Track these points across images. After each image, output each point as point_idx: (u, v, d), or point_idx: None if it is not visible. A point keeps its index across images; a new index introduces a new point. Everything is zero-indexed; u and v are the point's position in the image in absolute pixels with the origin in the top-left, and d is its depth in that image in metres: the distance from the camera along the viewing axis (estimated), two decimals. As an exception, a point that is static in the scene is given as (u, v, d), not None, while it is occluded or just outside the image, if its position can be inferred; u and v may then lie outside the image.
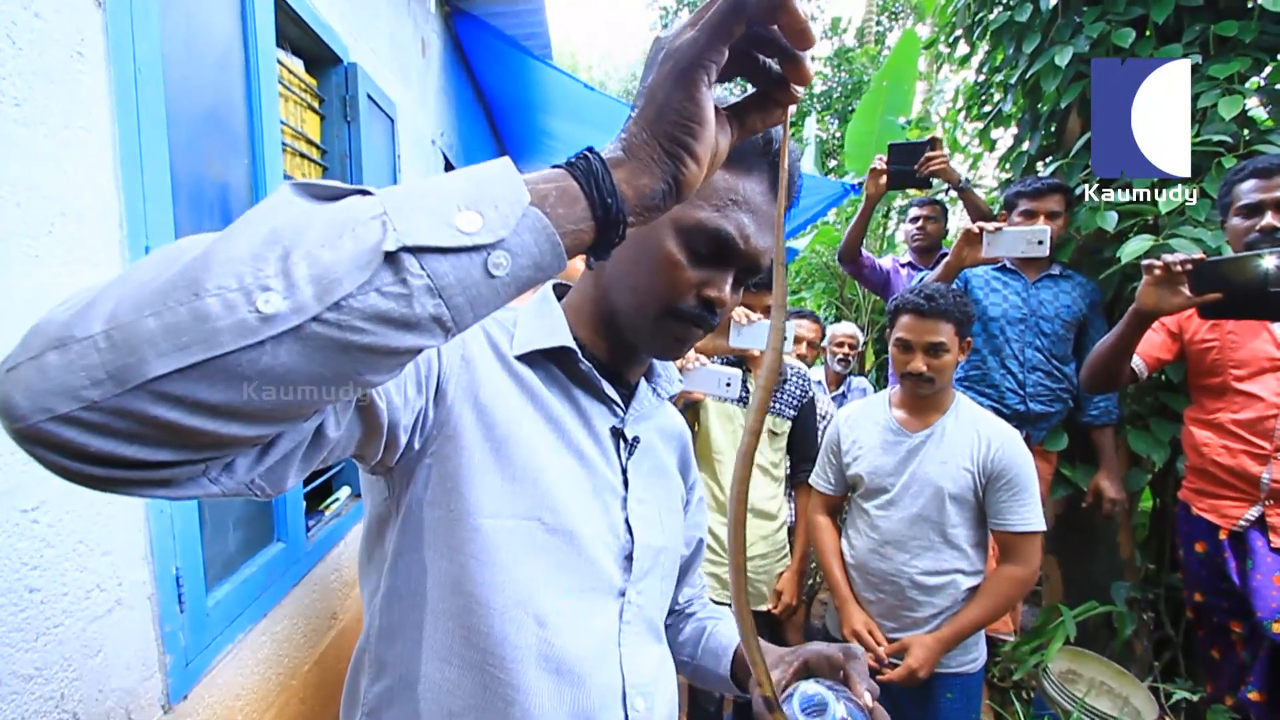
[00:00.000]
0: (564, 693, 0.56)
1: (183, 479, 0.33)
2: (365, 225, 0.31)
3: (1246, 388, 1.51)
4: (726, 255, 0.57)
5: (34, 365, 0.29)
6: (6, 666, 0.79)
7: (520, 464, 0.57)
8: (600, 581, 0.61)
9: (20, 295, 0.81)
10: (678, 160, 0.38)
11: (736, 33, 0.37)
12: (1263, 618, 1.45)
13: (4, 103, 0.80)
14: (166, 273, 0.30)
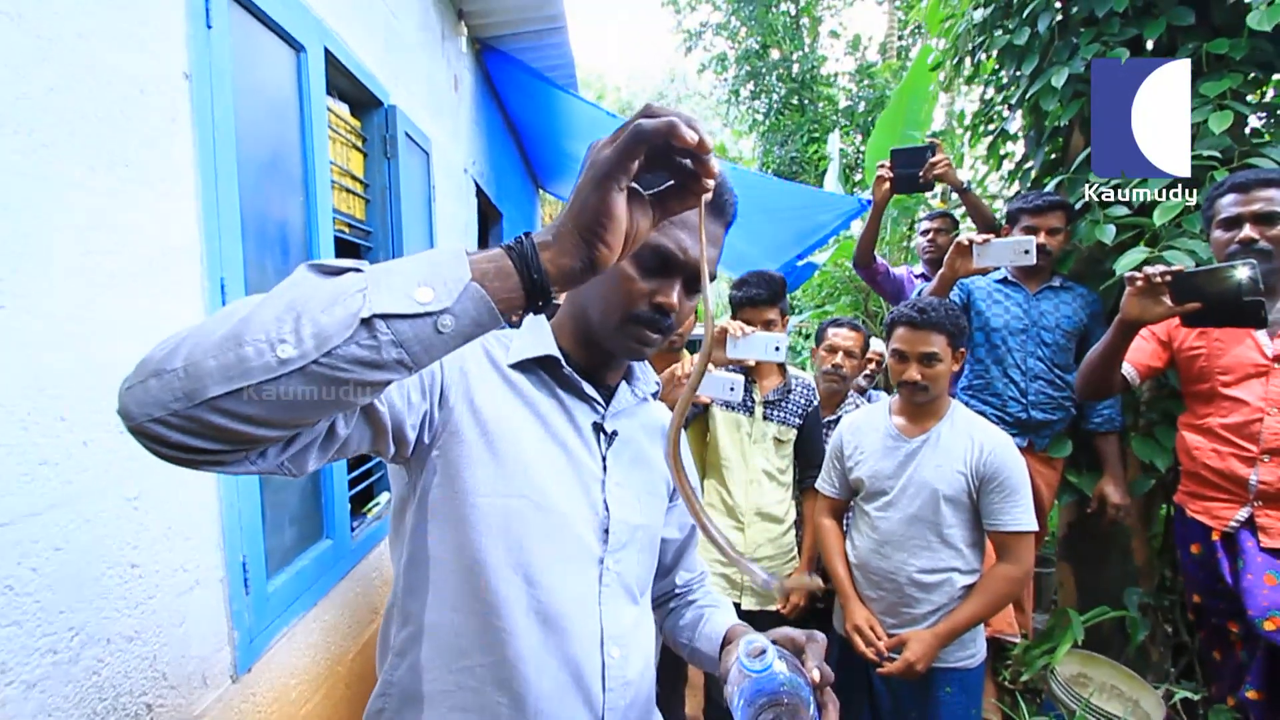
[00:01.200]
0: (550, 639, 0.69)
1: (230, 461, 0.49)
2: (351, 298, 0.45)
3: (1233, 393, 1.56)
4: (670, 267, 0.70)
5: (141, 386, 0.45)
6: (114, 628, 0.96)
7: (510, 453, 0.70)
8: (581, 550, 0.73)
9: (126, 318, 0.99)
10: (592, 247, 0.50)
11: (640, 153, 0.48)
12: (1254, 616, 1.49)
13: (116, 164, 0.98)
14: (222, 329, 0.45)
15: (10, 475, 0.80)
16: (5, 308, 0.79)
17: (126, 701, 0.97)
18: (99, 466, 0.93)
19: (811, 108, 8.38)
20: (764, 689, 0.62)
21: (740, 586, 1.96)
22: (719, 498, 1.98)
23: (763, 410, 1.94)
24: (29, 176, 0.83)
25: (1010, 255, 1.76)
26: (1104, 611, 2.06)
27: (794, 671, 0.64)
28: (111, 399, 0.77)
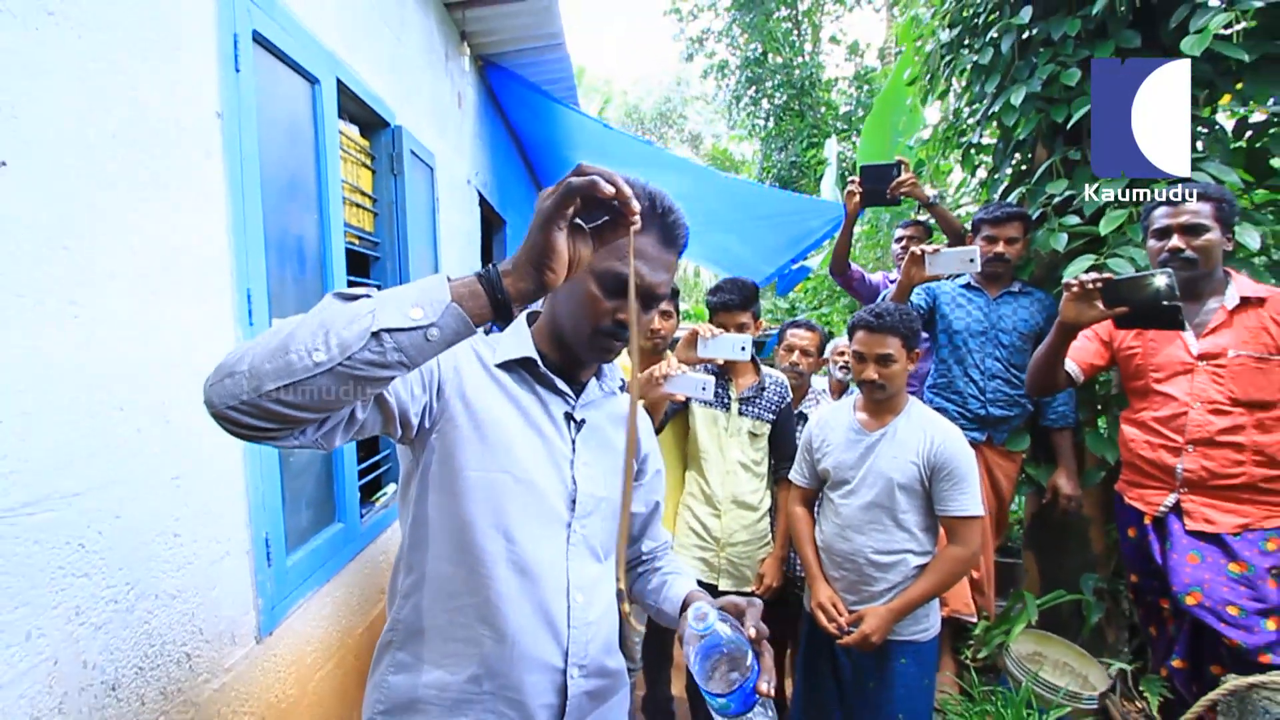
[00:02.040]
0: (525, 585, 0.86)
1: (280, 436, 0.65)
2: (364, 317, 0.62)
3: (1163, 389, 1.70)
4: (627, 288, 0.85)
5: (220, 384, 0.62)
6: (161, 585, 1.13)
7: (495, 437, 0.86)
8: (553, 516, 0.89)
9: (169, 324, 1.17)
10: (541, 273, 0.66)
11: (572, 203, 0.65)
12: (1177, 592, 1.63)
13: (161, 193, 1.16)
14: (274, 343, 0.62)
15: (80, 455, 0.97)
16: (78, 317, 0.97)
17: (171, 649, 1.15)
18: (148, 450, 1.11)
19: (811, 113, 8.53)
20: (711, 646, 0.76)
21: (717, 570, 2.11)
22: (698, 487, 2.14)
23: (738, 406, 2.10)
24: (95, 207, 1.01)
25: (958, 264, 1.91)
26: (1061, 595, 2.20)
27: (735, 631, 0.77)
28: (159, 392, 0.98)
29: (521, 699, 0.85)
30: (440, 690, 0.84)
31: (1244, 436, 1.58)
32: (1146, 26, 2.11)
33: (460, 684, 0.84)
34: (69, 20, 0.97)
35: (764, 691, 0.73)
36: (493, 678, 0.84)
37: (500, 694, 0.84)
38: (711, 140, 20.65)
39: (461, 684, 0.84)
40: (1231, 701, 1.17)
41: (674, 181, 4.59)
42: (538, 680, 0.86)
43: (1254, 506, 1.58)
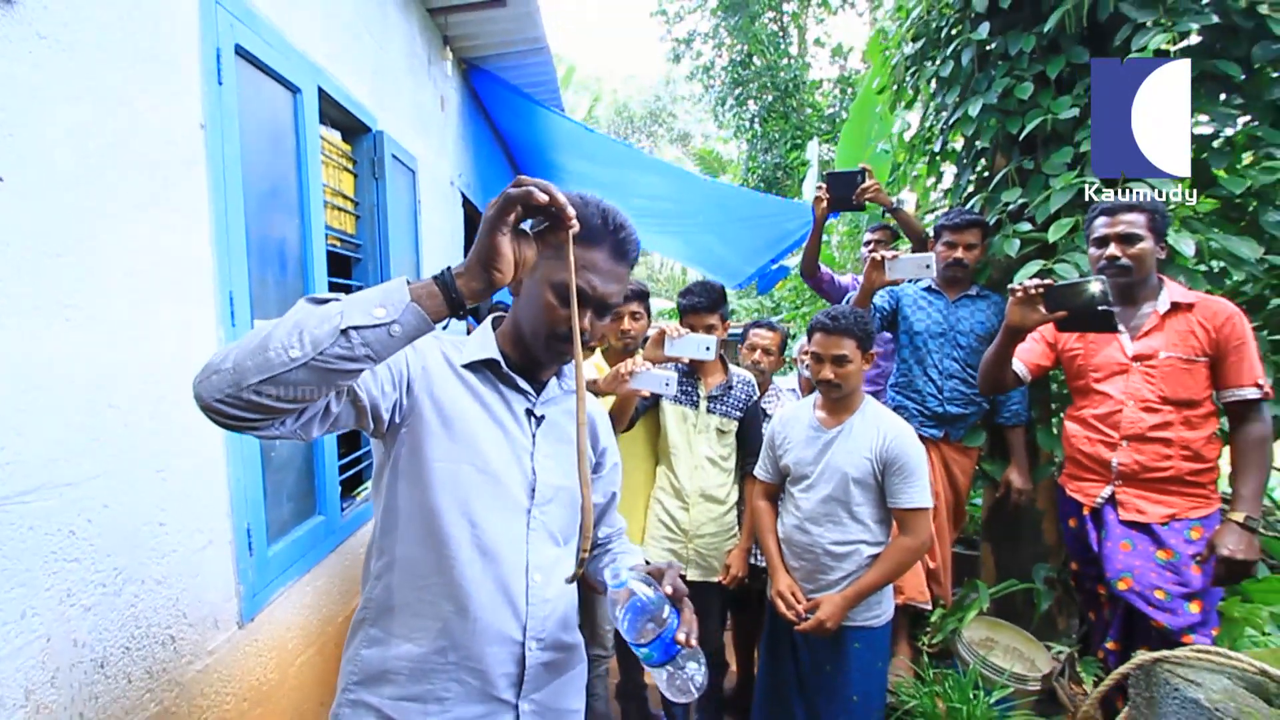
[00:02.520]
0: (487, 566, 0.94)
1: (262, 427, 0.73)
2: (333, 317, 0.69)
3: (1102, 387, 1.80)
4: (582, 299, 0.91)
5: (206, 380, 0.69)
6: (147, 571, 1.20)
7: (460, 431, 0.94)
8: (513, 503, 0.97)
9: (157, 324, 1.24)
10: (489, 274, 0.75)
11: (512, 210, 0.73)
12: (1110, 577, 1.73)
13: (149, 202, 1.23)
14: (254, 342, 0.70)
15: (72, 449, 1.04)
16: (71, 320, 1.04)
17: (156, 632, 1.22)
18: (135, 445, 1.18)
19: (795, 115, 8.64)
20: (633, 605, 0.85)
21: (686, 560, 2.20)
22: (668, 481, 2.23)
23: (707, 404, 2.19)
24: (86, 217, 1.08)
25: (915, 269, 2.01)
26: (1013, 584, 2.32)
27: (654, 590, 0.86)
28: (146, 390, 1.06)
29: (483, 669, 0.93)
30: (409, 661, 0.92)
31: (1173, 433, 1.69)
32: (1096, 43, 2.22)
33: (427, 655, 0.92)
34: (60, 43, 1.04)
35: (682, 641, 0.82)
36: (456, 649, 0.92)
37: (463, 664, 0.92)
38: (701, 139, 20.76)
39: (428, 655, 0.92)
40: (1139, 675, 1.28)
41: (655, 183, 4.68)
42: (498, 652, 0.94)
43: (1181, 498, 1.69)
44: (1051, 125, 2.22)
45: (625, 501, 2.21)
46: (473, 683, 0.93)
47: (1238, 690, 1.16)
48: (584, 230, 0.90)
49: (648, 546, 2.24)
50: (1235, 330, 1.64)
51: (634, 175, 4.68)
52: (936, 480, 2.33)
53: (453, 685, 0.92)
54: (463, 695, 0.93)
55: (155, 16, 1.27)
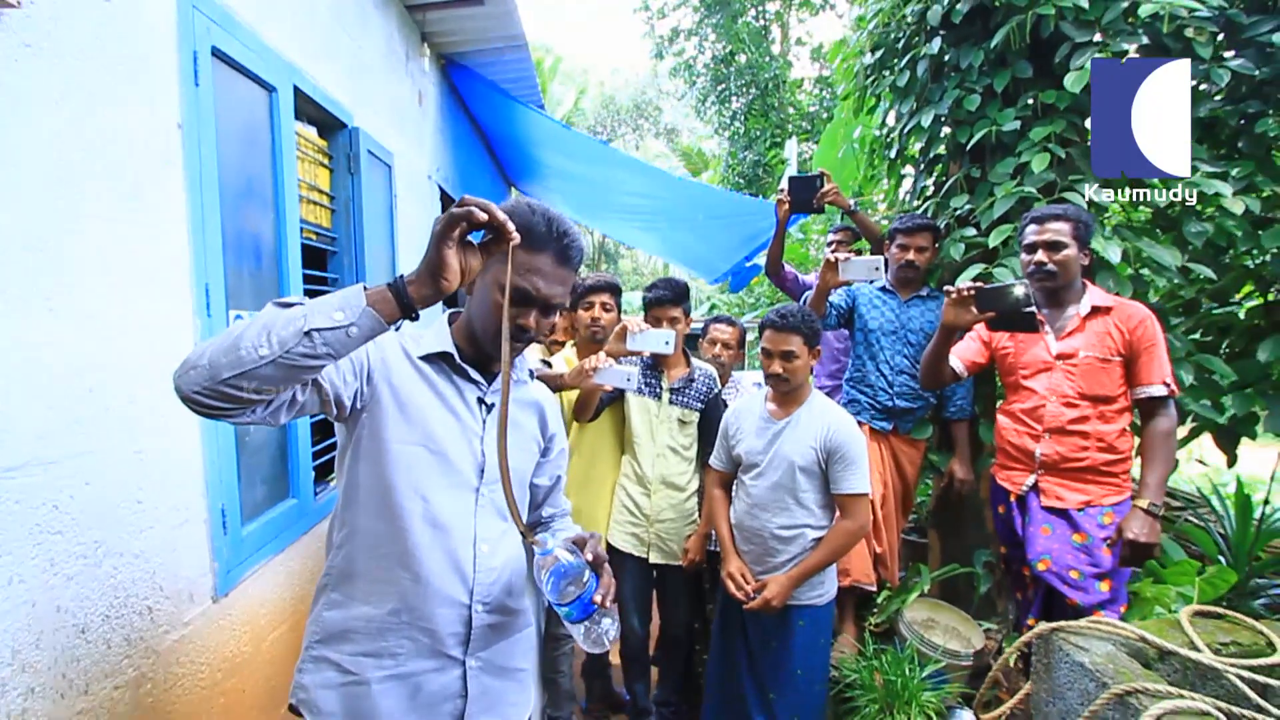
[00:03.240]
0: (438, 536, 1.04)
1: (236, 414, 0.82)
2: (298, 320, 0.78)
3: (1029, 384, 1.94)
4: (529, 300, 1.01)
5: (185, 375, 0.79)
6: (126, 546, 1.29)
7: (415, 416, 1.04)
8: (463, 481, 1.07)
9: (134, 316, 1.32)
10: (437, 282, 0.83)
11: (457, 225, 0.82)
12: (1031, 559, 1.88)
13: (126, 199, 1.30)
14: (228, 342, 0.78)
15: (54, 429, 1.12)
16: (53, 310, 1.12)
17: (134, 602, 1.31)
18: (115, 427, 1.26)
19: (776, 113, 8.76)
20: (556, 570, 0.95)
21: (647, 544, 2.32)
22: (631, 469, 2.34)
23: (669, 396, 2.30)
24: (69, 214, 1.16)
25: (866, 271, 2.13)
26: (954, 568, 2.46)
27: (575, 556, 0.97)
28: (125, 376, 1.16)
29: (433, 628, 1.03)
30: (366, 621, 1.02)
31: (1089, 426, 1.83)
32: (1040, 59, 2.35)
33: (383, 616, 1.02)
34: (44, 51, 1.11)
35: (598, 601, 0.93)
36: (409, 611, 1.02)
37: (415, 624, 1.03)
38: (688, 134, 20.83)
39: (384, 616, 1.02)
40: (1040, 644, 1.41)
41: (634, 181, 4.77)
42: (447, 613, 1.04)
43: (1096, 486, 1.83)
44: (996, 136, 2.35)
45: (592, 488, 2.35)
46: (424, 640, 1.03)
47: (1119, 655, 1.29)
48: (531, 237, 1.00)
49: (612, 531, 2.35)
50: (1147, 333, 1.78)
51: (613, 173, 4.77)
52: (885, 470, 2.46)
53: (405, 642, 1.03)
54: (414, 651, 1.03)
55: (134, 22, 1.34)
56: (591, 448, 2.38)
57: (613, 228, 7.16)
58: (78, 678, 1.16)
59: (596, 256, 23.46)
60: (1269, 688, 1.27)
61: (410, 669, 1.03)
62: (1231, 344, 2.58)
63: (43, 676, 1.08)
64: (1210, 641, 1.35)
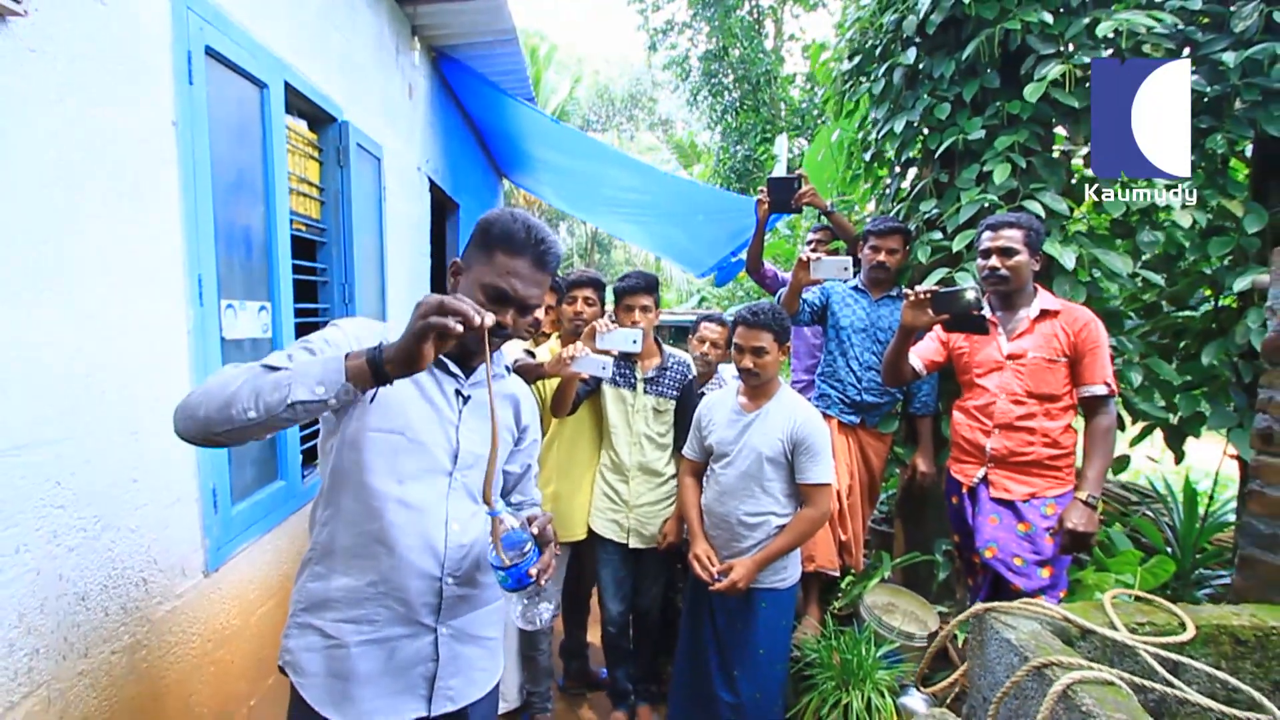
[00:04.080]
0: (412, 516, 1.13)
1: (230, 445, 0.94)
2: (283, 388, 0.88)
3: (981, 382, 2.05)
4: (506, 299, 1.10)
5: (183, 422, 0.91)
6: (122, 521, 1.37)
7: (396, 407, 1.12)
8: (437, 466, 1.16)
9: (130, 309, 1.39)
10: (412, 365, 0.89)
11: (430, 335, 0.87)
12: (979, 546, 2.00)
13: (123, 196, 1.38)
14: (219, 401, 0.87)
15: (55, 412, 1.20)
16: (53, 301, 1.20)
17: (130, 574, 1.40)
18: (110, 410, 1.34)
19: (767, 109, 8.82)
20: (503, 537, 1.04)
21: (627, 530, 2.42)
22: (609, 458, 2.44)
23: (643, 386, 2.40)
24: (67, 210, 1.23)
25: (835, 270, 2.23)
26: (915, 556, 2.59)
27: (523, 529, 1.07)
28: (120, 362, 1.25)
29: (407, 598, 1.13)
30: (347, 591, 1.12)
31: (1036, 423, 1.94)
32: (1008, 70, 2.45)
33: (361, 586, 1.11)
34: (46, 55, 1.18)
35: (533, 575, 1.05)
36: (385, 582, 1.12)
37: (390, 594, 1.12)
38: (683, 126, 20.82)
39: (362, 587, 1.11)
40: (975, 623, 1.53)
41: (622, 176, 4.84)
42: (420, 585, 1.14)
43: (1040, 479, 1.95)
44: (964, 143, 2.45)
45: (573, 477, 2.45)
46: (398, 609, 1.13)
47: (1043, 632, 1.41)
48: (511, 243, 1.11)
49: (594, 519, 2.45)
50: (1091, 335, 1.89)
51: (602, 168, 4.84)
52: (852, 461, 2.58)
53: (382, 610, 1.12)
54: (390, 619, 1.13)
55: (130, 23, 1.41)
56: (571, 438, 2.47)
57: (602, 220, 7.23)
58: (78, 641, 1.25)
59: (589, 247, 23.49)
60: (1180, 664, 1.40)
61: (386, 634, 1.12)
62: (1187, 346, 2.71)
63: (46, 639, 1.17)
64: (1128, 622, 1.47)
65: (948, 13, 2.45)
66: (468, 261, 1.16)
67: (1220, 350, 2.30)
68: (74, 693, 1.23)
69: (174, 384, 1.54)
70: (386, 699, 1.13)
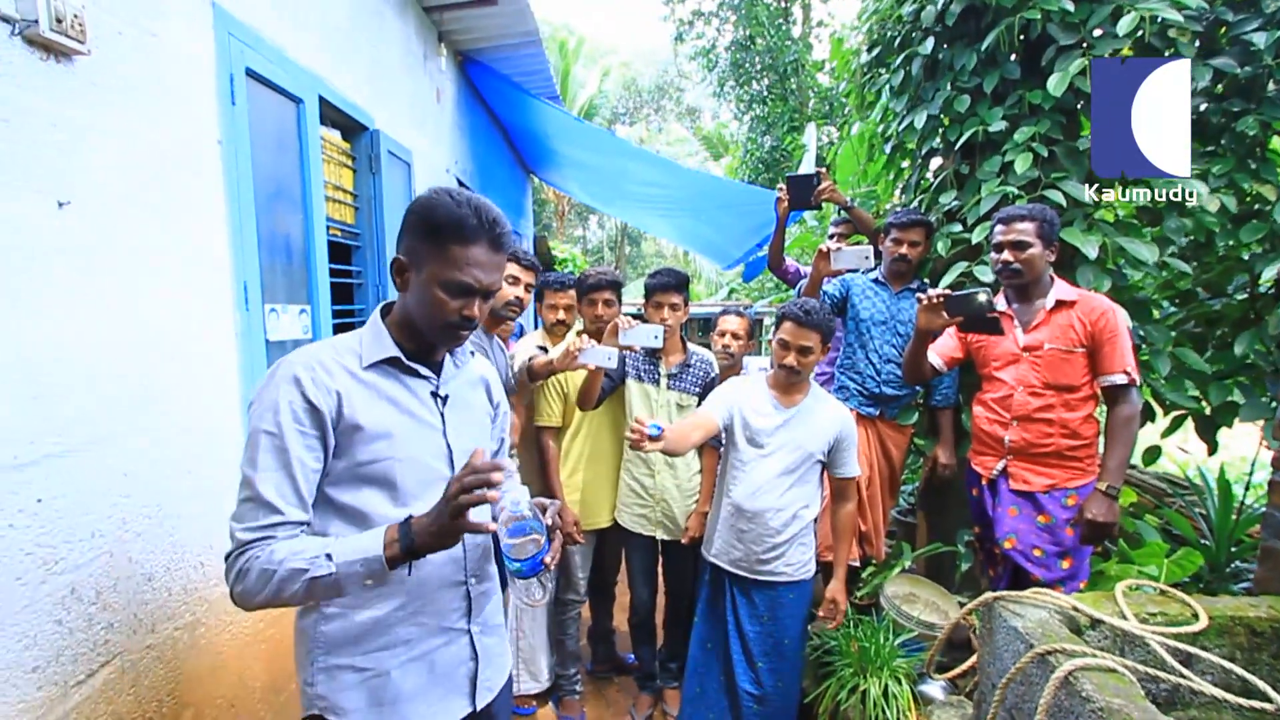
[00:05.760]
0: None
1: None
2: (333, 588, 0.93)
3: (999, 375, 2.05)
4: (470, 290, 1.02)
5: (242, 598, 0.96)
6: (181, 509, 1.50)
7: (379, 434, 1.03)
8: (436, 475, 1.09)
9: (184, 312, 1.52)
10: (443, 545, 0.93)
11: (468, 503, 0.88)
12: (999, 538, 2.01)
13: (177, 211, 1.50)
14: (276, 599, 0.94)
15: (122, 409, 1.33)
16: (116, 311, 1.32)
17: (190, 557, 1.53)
18: (167, 407, 1.47)
19: (794, 97, 8.73)
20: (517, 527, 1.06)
21: (655, 523, 2.49)
22: (635, 454, 2.51)
23: (667, 381, 2.46)
24: (129, 227, 1.36)
25: (856, 260, 2.24)
26: (938, 547, 2.60)
27: (538, 520, 1.08)
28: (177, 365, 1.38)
29: (439, 609, 1.12)
30: (373, 624, 1.07)
31: (1054, 414, 1.94)
32: (1029, 61, 2.42)
33: (388, 614, 1.07)
34: (106, 87, 1.30)
35: (547, 563, 1.07)
36: (414, 602, 1.09)
37: (422, 611, 1.10)
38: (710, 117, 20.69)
39: (389, 614, 1.07)
40: (985, 611, 1.55)
41: (647, 172, 4.89)
42: (448, 594, 1.13)
43: (1060, 470, 1.95)
44: (984, 134, 2.43)
45: (597, 467, 2.54)
46: (430, 622, 1.11)
47: (1051, 621, 1.43)
48: (464, 230, 1.01)
49: (620, 513, 2.53)
50: (1109, 324, 1.87)
51: (626, 163, 4.90)
52: (872, 453, 2.60)
53: (414, 629, 1.10)
54: (423, 633, 1.11)
55: (177, 51, 1.53)
56: (595, 430, 2.55)
57: (629, 215, 7.30)
58: (146, 618, 1.38)
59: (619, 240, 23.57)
60: (1193, 656, 1.41)
61: (424, 649, 1.11)
62: (1222, 335, 2.65)
63: (119, 615, 1.30)
64: (1139, 612, 1.48)
65: (967, 2, 2.43)
66: (414, 257, 1.04)
67: (1254, 339, 2.25)
68: (144, 664, 1.37)
69: (223, 383, 1.67)
70: (436, 705, 1.13)
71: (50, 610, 1.16)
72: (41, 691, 1.13)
